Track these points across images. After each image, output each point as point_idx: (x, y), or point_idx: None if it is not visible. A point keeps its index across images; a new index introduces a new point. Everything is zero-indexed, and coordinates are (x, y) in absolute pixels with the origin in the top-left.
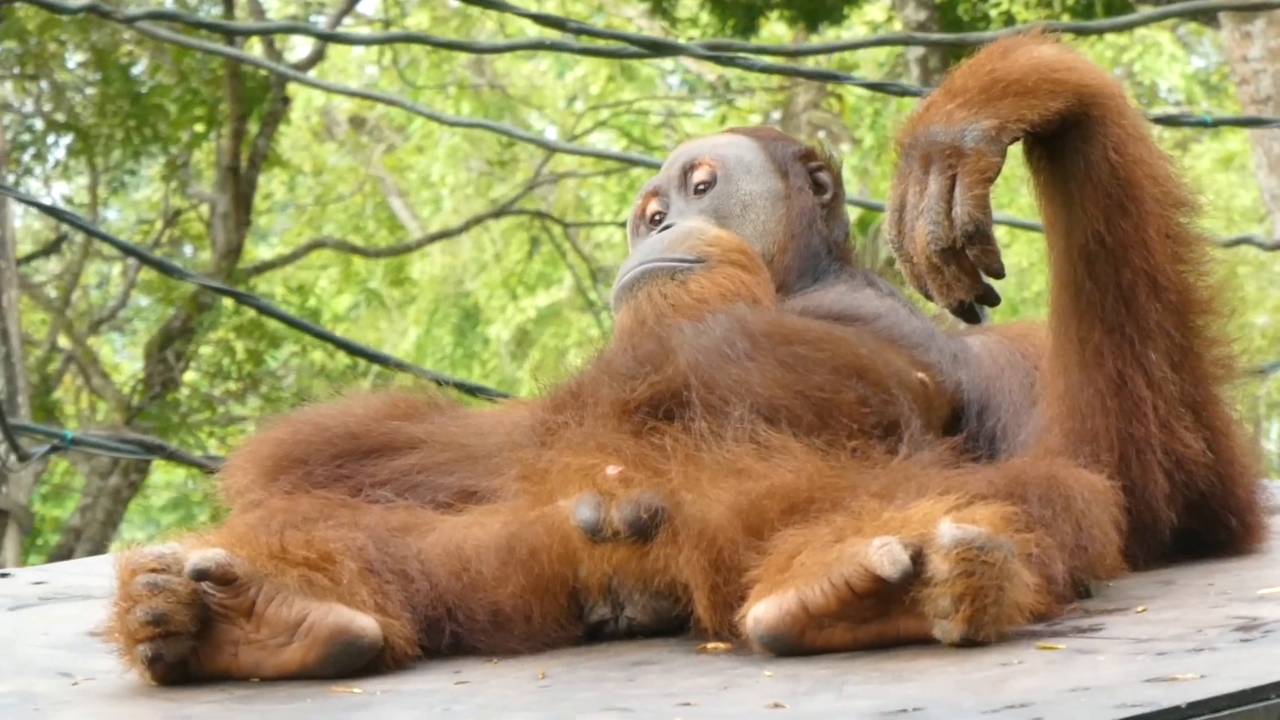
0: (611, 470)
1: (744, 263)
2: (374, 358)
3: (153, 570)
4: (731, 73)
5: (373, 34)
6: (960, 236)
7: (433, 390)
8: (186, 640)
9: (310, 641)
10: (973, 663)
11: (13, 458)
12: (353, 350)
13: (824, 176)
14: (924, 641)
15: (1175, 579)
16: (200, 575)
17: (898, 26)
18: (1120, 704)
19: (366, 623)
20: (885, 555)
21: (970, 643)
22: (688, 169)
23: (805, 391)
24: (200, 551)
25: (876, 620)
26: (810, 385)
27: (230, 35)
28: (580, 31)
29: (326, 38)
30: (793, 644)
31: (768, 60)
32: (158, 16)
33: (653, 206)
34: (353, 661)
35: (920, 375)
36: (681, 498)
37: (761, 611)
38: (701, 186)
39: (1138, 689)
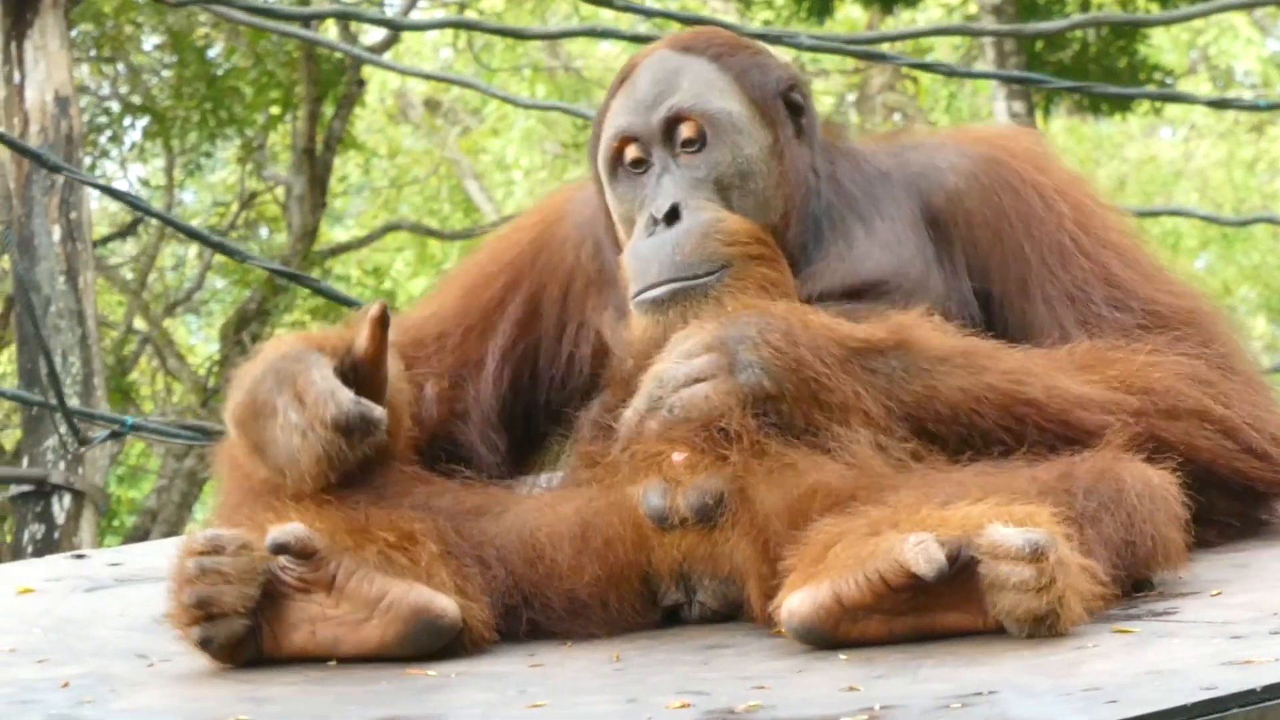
0: (678, 457)
1: (765, 254)
2: None
3: (201, 553)
4: (806, 54)
5: (430, 19)
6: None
7: None
8: (237, 621)
9: (390, 619)
10: (1048, 646)
11: (70, 442)
12: None
13: (797, 98)
14: (962, 634)
15: (1249, 562)
16: (279, 549)
17: (973, 9)
18: (1195, 686)
19: (446, 603)
20: (921, 553)
21: (1033, 634)
22: (672, 123)
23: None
24: (279, 526)
25: (912, 614)
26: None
27: (305, 19)
28: (626, 10)
29: (385, 24)
30: (827, 636)
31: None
32: (228, 1)
33: (632, 152)
34: (432, 641)
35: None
36: (745, 483)
37: (796, 604)
38: (690, 146)
39: (1213, 672)
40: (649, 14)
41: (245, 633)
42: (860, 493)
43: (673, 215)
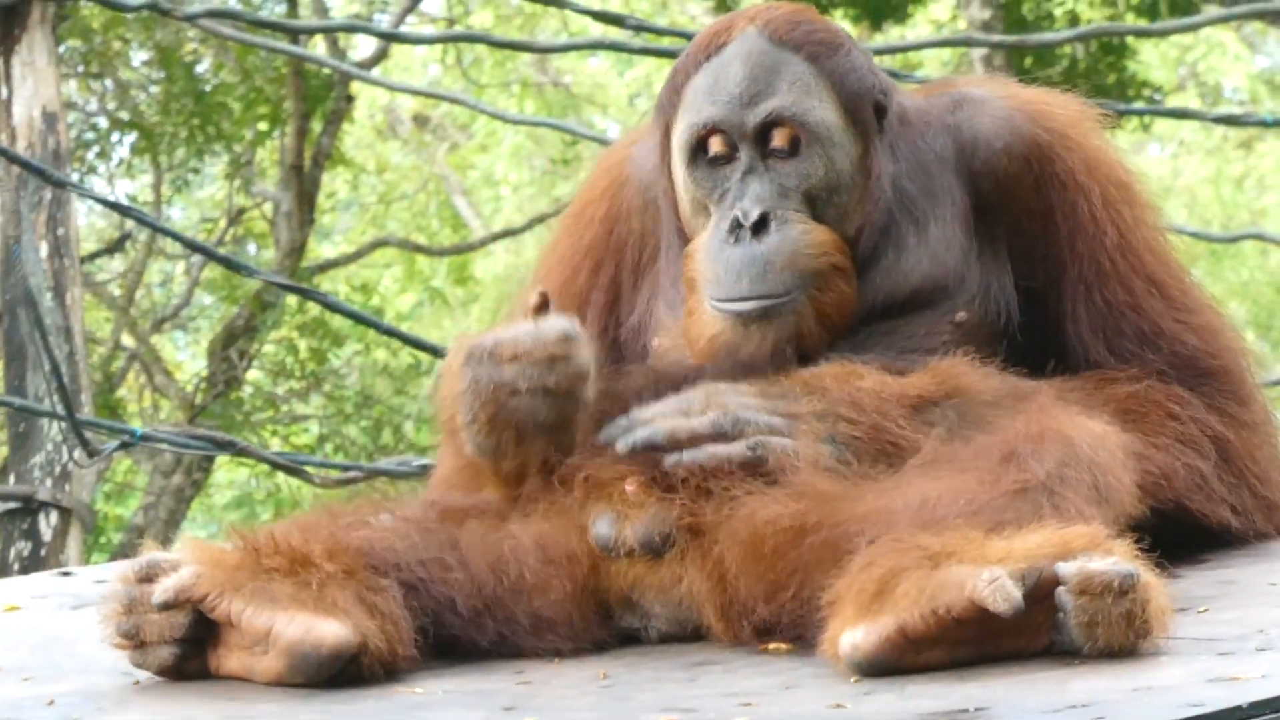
0: (629, 486)
1: (843, 266)
2: (438, 352)
3: (134, 581)
4: None
5: (435, 33)
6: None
7: None
8: (165, 649)
9: (276, 653)
10: (1035, 662)
11: (79, 454)
12: (419, 345)
13: (883, 99)
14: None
15: (1237, 579)
16: (165, 607)
17: (962, 25)
18: (1182, 703)
19: (327, 630)
20: (997, 591)
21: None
22: (768, 126)
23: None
24: (164, 581)
25: (974, 643)
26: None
27: (293, 34)
28: (639, 29)
29: (386, 36)
30: (890, 669)
31: None
32: (217, 14)
33: (717, 145)
34: (318, 671)
35: (959, 316)
36: (695, 518)
37: (860, 638)
38: (781, 152)
39: (1200, 689)
40: (655, 30)
41: (175, 660)
42: (815, 518)
43: (761, 224)
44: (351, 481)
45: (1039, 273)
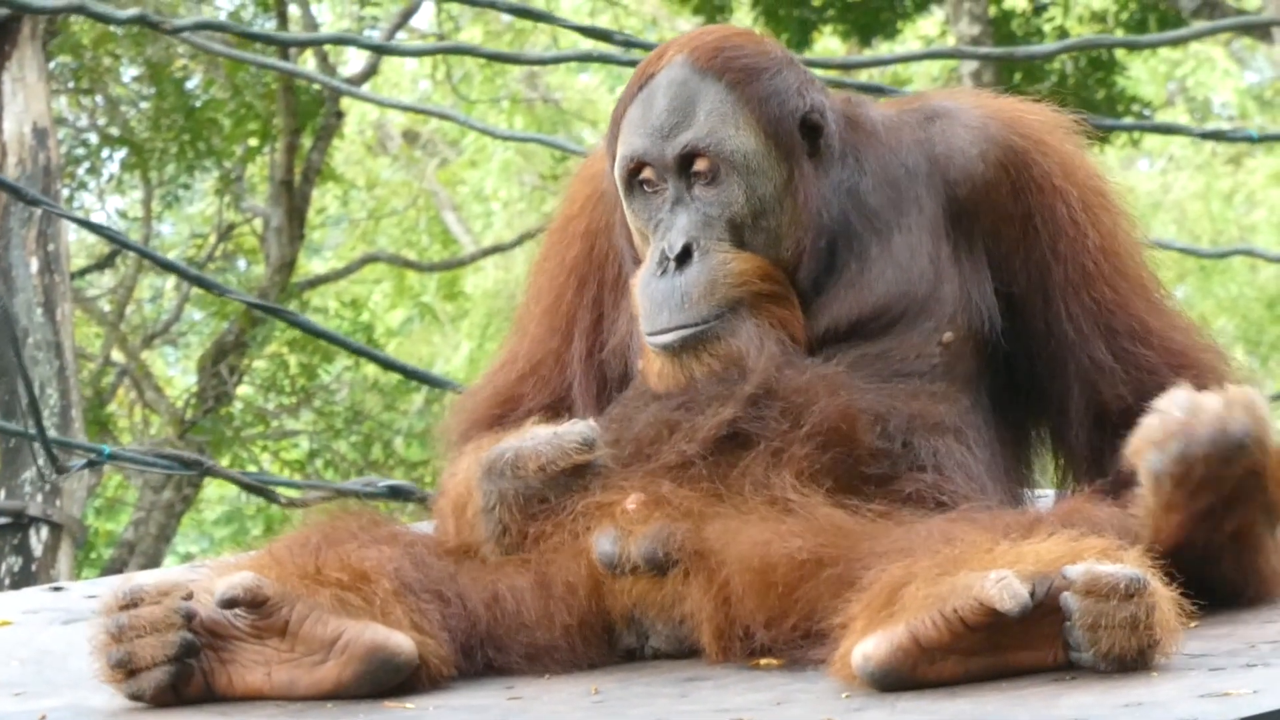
0: (631, 504)
1: (776, 291)
2: (416, 375)
3: (119, 608)
4: None
5: (423, 45)
6: None
7: None
8: (160, 670)
9: (346, 659)
10: (1027, 678)
11: (48, 470)
12: (393, 367)
13: (816, 119)
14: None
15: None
16: (229, 603)
17: (951, 41)
18: (1174, 719)
19: (402, 640)
20: (1004, 590)
21: (1123, 670)
22: (687, 158)
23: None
24: (227, 579)
25: (987, 653)
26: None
27: (283, 48)
28: (628, 44)
29: (373, 48)
30: (904, 679)
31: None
32: (206, 27)
33: (646, 174)
34: (388, 679)
35: (946, 336)
36: (700, 536)
37: (871, 648)
38: (703, 178)
39: (1191, 704)
40: (639, 45)
41: (171, 680)
42: (832, 552)
43: (684, 256)
44: (321, 501)
45: (1021, 278)
